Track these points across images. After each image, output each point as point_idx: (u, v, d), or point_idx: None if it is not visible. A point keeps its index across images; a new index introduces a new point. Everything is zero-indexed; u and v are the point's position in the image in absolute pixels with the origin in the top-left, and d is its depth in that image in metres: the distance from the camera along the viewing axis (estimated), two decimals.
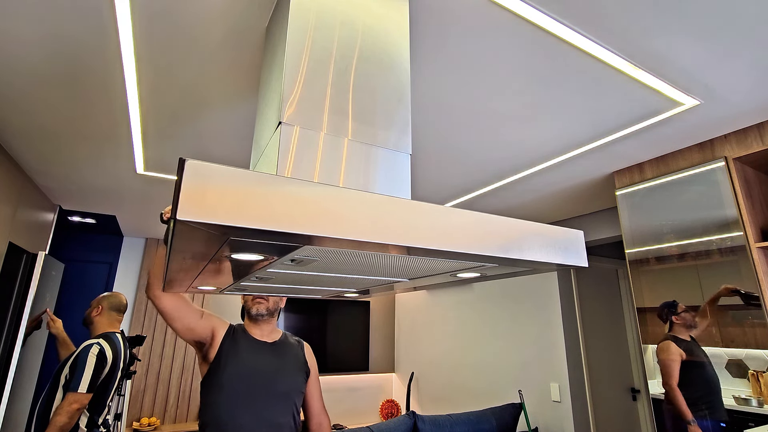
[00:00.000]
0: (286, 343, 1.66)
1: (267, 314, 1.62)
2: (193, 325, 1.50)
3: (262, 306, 1.62)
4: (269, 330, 1.65)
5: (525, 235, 0.75)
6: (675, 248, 1.91)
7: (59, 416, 1.82)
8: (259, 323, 1.63)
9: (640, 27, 1.18)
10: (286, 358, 1.60)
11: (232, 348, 1.53)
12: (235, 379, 1.47)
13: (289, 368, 1.57)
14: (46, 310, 2.65)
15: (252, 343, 1.58)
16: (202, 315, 1.55)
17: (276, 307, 1.66)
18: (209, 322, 1.55)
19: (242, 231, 0.53)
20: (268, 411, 1.46)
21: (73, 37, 1.27)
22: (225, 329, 1.59)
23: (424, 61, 1.37)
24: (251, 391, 1.47)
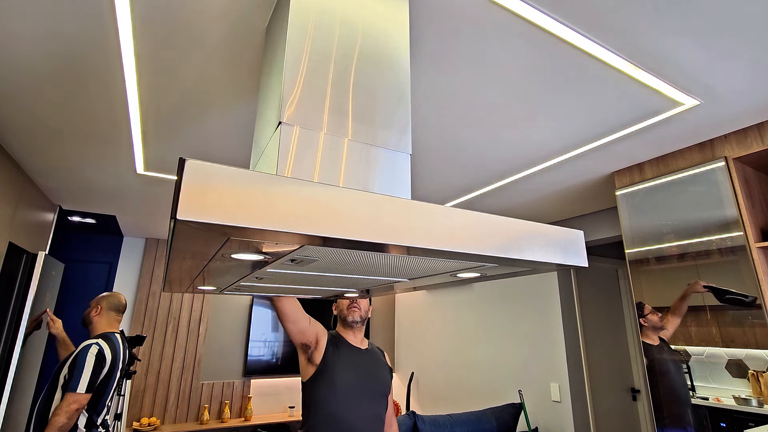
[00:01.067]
0: (374, 350, 1.83)
1: (360, 322, 1.76)
2: (305, 329, 1.65)
3: (356, 313, 1.75)
4: (361, 338, 1.80)
5: (525, 235, 0.75)
6: (675, 248, 1.91)
7: (58, 416, 1.82)
8: (354, 330, 1.77)
9: (640, 27, 1.18)
10: (378, 362, 1.77)
11: (336, 353, 1.68)
12: (346, 380, 1.63)
13: (382, 371, 1.74)
14: (46, 311, 2.65)
15: (352, 349, 1.73)
16: (310, 321, 1.69)
17: (366, 316, 1.80)
18: (315, 328, 1.69)
19: (242, 231, 0.53)
20: (373, 407, 1.64)
21: (73, 37, 1.27)
22: (326, 335, 1.72)
23: (424, 61, 1.37)
24: (359, 392, 1.63)
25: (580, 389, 3.03)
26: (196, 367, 4.05)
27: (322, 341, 1.69)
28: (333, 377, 1.63)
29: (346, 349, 1.71)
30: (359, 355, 1.73)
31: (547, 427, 3.09)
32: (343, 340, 1.74)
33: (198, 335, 4.13)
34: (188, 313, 4.15)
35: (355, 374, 1.66)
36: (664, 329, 1.88)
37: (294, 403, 4.39)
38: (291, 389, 4.40)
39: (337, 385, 1.61)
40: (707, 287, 1.76)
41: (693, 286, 1.80)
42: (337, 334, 1.77)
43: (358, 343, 1.77)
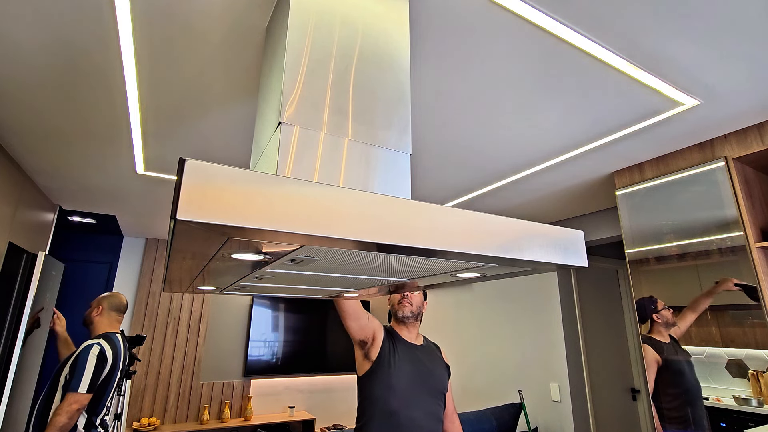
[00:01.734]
0: (430, 346, 1.80)
1: (412, 317, 1.74)
2: (364, 325, 1.66)
3: (406, 309, 1.73)
4: (416, 333, 1.78)
5: (525, 235, 0.75)
6: (675, 248, 1.91)
7: (59, 416, 1.82)
8: (407, 326, 1.75)
9: (640, 27, 1.18)
10: (434, 360, 1.74)
11: (393, 350, 1.67)
12: (403, 377, 1.62)
13: (437, 368, 1.71)
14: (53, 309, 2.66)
15: (408, 345, 1.71)
16: (368, 317, 1.69)
17: (419, 311, 1.77)
18: (372, 324, 1.69)
19: (242, 231, 0.53)
20: (430, 405, 1.62)
21: (74, 37, 1.27)
22: (383, 331, 1.71)
23: (424, 61, 1.37)
24: (416, 389, 1.62)
25: (580, 389, 3.03)
26: (196, 367, 4.05)
27: (379, 337, 1.69)
28: (388, 373, 1.62)
29: (401, 345, 1.70)
30: (414, 351, 1.71)
31: (547, 427, 3.09)
32: (398, 336, 1.72)
33: (198, 335, 4.13)
34: (188, 313, 4.15)
35: (410, 370, 1.65)
36: (675, 326, 1.84)
37: (294, 403, 4.39)
38: (291, 389, 4.40)
39: (392, 381, 1.61)
40: (739, 285, 1.70)
41: (723, 283, 1.74)
42: (392, 330, 1.75)
43: (413, 338, 1.75)
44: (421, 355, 1.71)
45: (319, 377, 4.56)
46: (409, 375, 1.63)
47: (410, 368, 1.65)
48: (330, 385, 4.61)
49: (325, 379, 4.59)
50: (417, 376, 1.64)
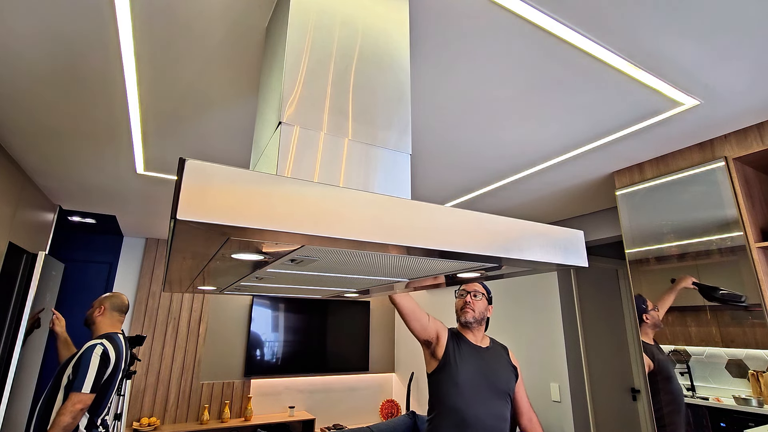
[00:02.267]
0: (496, 348, 1.84)
1: (474, 322, 1.79)
2: (425, 325, 1.74)
3: (469, 315, 1.79)
4: (481, 336, 1.83)
5: (525, 235, 0.75)
6: (675, 248, 1.91)
7: (63, 416, 1.82)
8: (471, 330, 1.81)
9: (640, 27, 1.18)
10: (500, 361, 1.78)
11: (458, 350, 1.74)
12: (468, 377, 1.68)
13: (503, 370, 1.75)
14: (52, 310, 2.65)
15: (473, 347, 1.77)
16: (429, 317, 1.77)
17: (482, 316, 1.82)
18: (434, 324, 1.77)
19: (242, 231, 0.53)
20: (495, 405, 1.66)
21: (74, 37, 1.27)
22: (447, 332, 1.78)
23: (424, 61, 1.37)
24: (481, 388, 1.67)
25: (580, 389, 3.03)
26: (196, 367, 4.05)
27: (443, 337, 1.76)
28: (454, 372, 1.68)
29: (468, 348, 1.76)
30: (480, 353, 1.76)
31: (547, 427, 3.08)
32: (463, 338, 1.79)
33: (198, 335, 4.13)
34: (188, 313, 4.15)
35: (476, 371, 1.70)
36: (660, 327, 1.87)
37: (294, 403, 4.39)
38: (291, 389, 4.40)
39: (458, 380, 1.67)
40: (696, 284, 1.77)
41: (682, 280, 1.81)
42: (457, 332, 1.82)
43: (478, 341, 1.80)
44: (487, 357, 1.76)
45: (319, 377, 4.56)
46: (474, 375, 1.69)
47: (475, 368, 1.70)
48: (330, 385, 4.61)
49: (325, 379, 4.59)
50: (482, 377, 1.69)
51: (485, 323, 1.86)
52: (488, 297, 1.88)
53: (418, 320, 1.72)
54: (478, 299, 1.82)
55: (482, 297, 1.83)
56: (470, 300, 1.82)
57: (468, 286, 1.85)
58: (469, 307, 1.81)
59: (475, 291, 1.84)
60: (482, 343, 1.81)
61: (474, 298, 1.81)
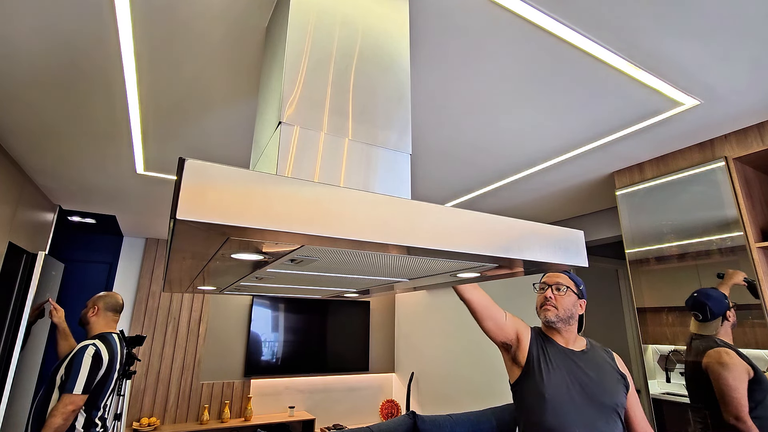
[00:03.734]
0: (596, 352, 1.49)
1: (559, 321, 1.47)
2: (502, 325, 1.46)
3: (550, 313, 1.47)
4: (573, 338, 1.50)
5: (525, 235, 0.75)
6: (675, 248, 1.91)
7: (54, 417, 1.82)
8: (558, 330, 1.49)
9: (640, 27, 1.18)
10: (602, 368, 1.43)
11: (543, 354, 1.45)
12: (558, 387, 1.37)
13: (606, 379, 1.41)
14: (48, 299, 2.65)
15: (562, 350, 1.46)
16: (506, 315, 1.49)
17: (570, 315, 1.48)
18: (514, 324, 1.49)
19: (242, 231, 0.53)
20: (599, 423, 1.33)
21: (74, 37, 1.26)
22: (529, 332, 1.50)
23: (424, 61, 1.37)
24: (577, 402, 1.35)
25: None
26: (196, 367, 4.05)
27: (525, 339, 1.47)
28: (540, 382, 1.39)
29: (554, 350, 1.45)
30: (572, 358, 1.44)
31: None
32: (549, 339, 1.49)
33: (198, 335, 4.13)
34: (188, 313, 4.15)
35: (567, 380, 1.38)
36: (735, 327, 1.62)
37: (294, 403, 4.39)
38: (291, 389, 4.40)
39: (545, 391, 1.37)
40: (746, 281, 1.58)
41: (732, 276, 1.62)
42: (542, 332, 1.52)
43: (570, 343, 1.48)
44: (582, 363, 1.43)
45: (319, 377, 4.56)
46: (567, 385, 1.37)
47: (567, 377, 1.39)
48: (330, 385, 4.61)
49: (325, 379, 4.59)
50: (578, 387, 1.37)
51: (577, 322, 1.51)
52: (578, 290, 1.51)
53: (493, 318, 1.44)
54: (563, 293, 1.48)
55: (567, 290, 1.49)
56: (552, 295, 1.49)
57: (549, 277, 1.53)
58: (551, 304, 1.48)
59: (557, 284, 1.50)
60: (575, 346, 1.48)
61: (557, 293, 1.49)
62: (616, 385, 1.40)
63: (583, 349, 1.48)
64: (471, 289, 1.43)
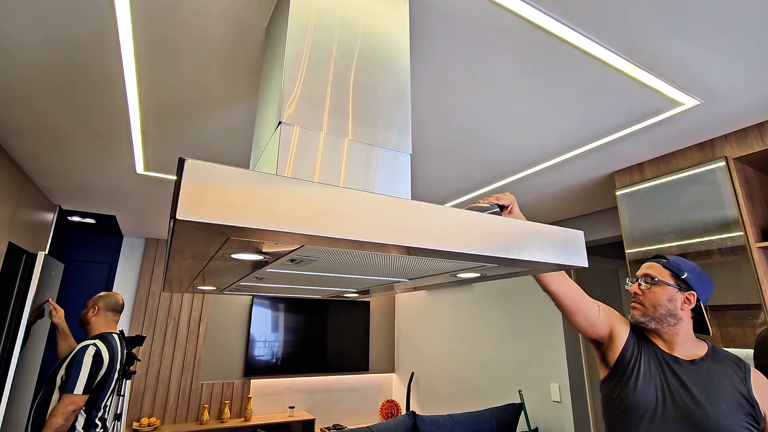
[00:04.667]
0: (714, 364, 1.17)
1: (651, 320, 1.22)
2: (593, 320, 1.25)
3: (635, 312, 1.26)
4: (677, 342, 1.21)
5: (525, 235, 0.75)
6: (675, 248, 1.91)
7: (55, 418, 1.82)
8: (658, 332, 1.23)
9: (641, 27, 1.18)
10: (715, 385, 1.13)
11: (637, 358, 1.22)
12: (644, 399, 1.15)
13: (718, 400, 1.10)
14: (48, 300, 2.65)
15: (661, 357, 1.21)
16: (600, 308, 1.28)
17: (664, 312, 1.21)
18: (608, 318, 1.27)
19: (242, 231, 0.53)
20: None
21: (73, 37, 1.26)
22: (627, 330, 1.27)
23: (424, 61, 1.37)
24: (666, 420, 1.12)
25: (580, 389, 3.03)
26: (196, 367, 4.05)
27: (620, 337, 1.25)
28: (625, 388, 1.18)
29: (649, 354, 1.21)
30: (672, 367, 1.18)
31: (547, 427, 3.08)
32: (649, 343, 1.24)
33: (198, 335, 4.13)
34: (188, 313, 4.15)
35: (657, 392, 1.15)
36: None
37: (294, 403, 4.39)
38: (291, 389, 4.40)
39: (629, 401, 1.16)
40: None
41: None
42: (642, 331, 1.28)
43: (675, 348, 1.21)
44: (685, 375, 1.15)
45: (319, 377, 4.56)
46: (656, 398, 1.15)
47: (659, 388, 1.16)
48: (330, 385, 4.61)
49: (325, 379, 4.59)
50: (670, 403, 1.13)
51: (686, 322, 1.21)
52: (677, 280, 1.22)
53: (583, 313, 1.24)
54: (652, 286, 1.23)
55: (658, 282, 1.22)
56: (638, 290, 1.26)
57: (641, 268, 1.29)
58: (637, 300, 1.26)
59: (645, 275, 1.25)
60: (681, 353, 1.19)
61: (645, 286, 1.24)
62: (732, 410, 1.07)
63: (696, 358, 1.18)
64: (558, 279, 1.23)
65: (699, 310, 1.22)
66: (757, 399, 1.09)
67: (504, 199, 1.18)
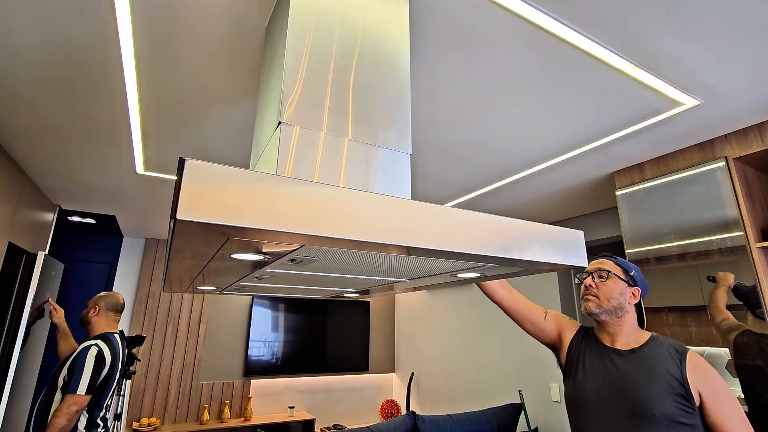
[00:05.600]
0: (651, 351, 1.22)
1: (603, 313, 1.27)
2: (542, 326, 1.36)
3: (590, 303, 1.29)
4: (624, 333, 1.27)
5: (525, 235, 0.75)
6: (675, 248, 1.91)
7: (58, 418, 1.82)
8: (604, 325, 1.29)
9: (641, 27, 1.18)
10: (649, 370, 1.18)
11: (581, 355, 1.30)
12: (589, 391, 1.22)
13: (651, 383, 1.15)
14: (48, 300, 2.65)
15: (601, 350, 1.27)
16: (546, 314, 1.37)
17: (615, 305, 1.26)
18: (554, 322, 1.36)
19: (242, 231, 0.53)
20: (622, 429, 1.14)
21: (73, 37, 1.26)
22: (574, 331, 1.35)
23: (424, 61, 1.37)
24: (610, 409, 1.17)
25: None
26: (196, 367, 4.05)
27: (567, 338, 1.34)
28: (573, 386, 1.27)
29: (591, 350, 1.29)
30: (612, 359, 1.24)
31: (547, 427, 3.08)
32: (593, 339, 1.31)
33: (198, 335, 4.13)
34: (188, 313, 4.15)
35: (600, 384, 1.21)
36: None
37: (294, 403, 4.39)
38: (291, 389, 4.40)
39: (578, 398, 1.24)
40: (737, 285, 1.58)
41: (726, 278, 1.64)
42: (589, 331, 1.35)
43: (617, 340, 1.27)
44: (623, 363, 1.22)
45: (319, 377, 4.56)
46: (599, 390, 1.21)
47: (601, 381, 1.22)
48: (330, 385, 4.61)
49: (325, 379, 4.59)
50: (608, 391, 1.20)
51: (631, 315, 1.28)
52: (627, 276, 1.30)
53: (530, 319, 1.33)
54: (605, 280, 1.28)
55: (611, 276, 1.29)
56: (592, 283, 1.30)
57: (591, 264, 1.35)
58: (590, 293, 1.29)
59: (599, 270, 1.31)
60: (622, 344, 1.26)
61: (599, 280, 1.30)
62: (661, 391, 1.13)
63: (634, 347, 1.24)
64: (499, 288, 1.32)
65: (639, 306, 1.32)
66: (689, 380, 1.14)
67: None
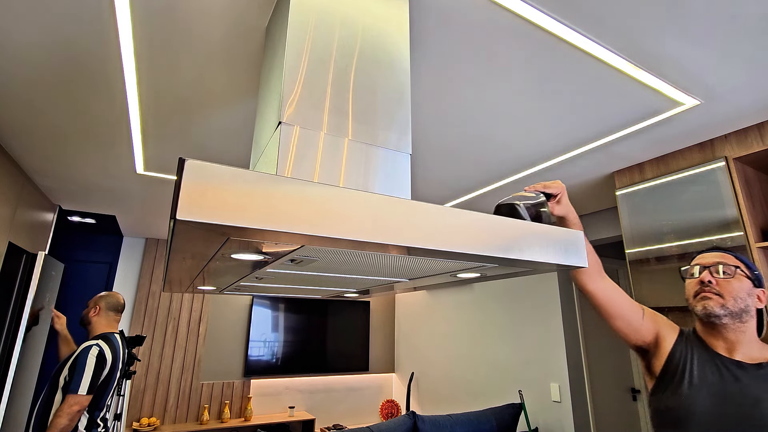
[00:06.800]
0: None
1: (726, 315, 1.06)
2: (638, 326, 1.14)
3: (711, 302, 1.07)
4: (742, 342, 1.07)
5: (525, 235, 0.75)
6: (675, 248, 1.90)
7: (60, 418, 1.82)
8: (719, 331, 1.08)
9: (641, 27, 1.18)
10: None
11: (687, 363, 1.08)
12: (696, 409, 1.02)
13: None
14: (51, 308, 2.65)
15: (717, 361, 1.06)
16: (644, 312, 1.16)
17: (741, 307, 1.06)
18: (653, 323, 1.15)
19: (242, 231, 0.53)
20: None
21: (74, 37, 1.26)
22: (675, 335, 1.15)
23: (424, 61, 1.37)
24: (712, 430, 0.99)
25: (580, 389, 3.03)
26: (196, 367, 4.05)
27: (666, 342, 1.13)
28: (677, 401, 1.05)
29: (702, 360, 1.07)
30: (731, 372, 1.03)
31: (547, 427, 3.08)
32: (702, 344, 1.10)
33: (198, 335, 4.13)
34: (188, 313, 4.15)
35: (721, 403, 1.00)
36: None
37: (294, 403, 4.39)
38: (291, 389, 4.40)
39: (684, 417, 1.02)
40: None
41: None
42: (694, 334, 1.14)
43: (736, 350, 1.06)
44: (748, 380, 1.01)
45: (319, 377, 4.56)
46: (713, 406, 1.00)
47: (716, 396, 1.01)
48: (330, 385, 4.60)
49: (325, 379, 4.59)
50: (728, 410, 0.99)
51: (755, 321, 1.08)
52: (752, 274, 1.09)
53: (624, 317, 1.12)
54: (728, 277, 1.07)
55: (737, 273, 1.08)
56: (711, 278, 1.08)
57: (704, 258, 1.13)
58: (711, 290, 1.08)
59: (722, 264, 1.09)
60: (744, 356, 1.05)
61: (720, 276, 1.08)
62: None
63: (762, 362, 1.03)
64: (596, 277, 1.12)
65: (760, 312, 1.11)
66: None
67: (552, 188, 1.04)
